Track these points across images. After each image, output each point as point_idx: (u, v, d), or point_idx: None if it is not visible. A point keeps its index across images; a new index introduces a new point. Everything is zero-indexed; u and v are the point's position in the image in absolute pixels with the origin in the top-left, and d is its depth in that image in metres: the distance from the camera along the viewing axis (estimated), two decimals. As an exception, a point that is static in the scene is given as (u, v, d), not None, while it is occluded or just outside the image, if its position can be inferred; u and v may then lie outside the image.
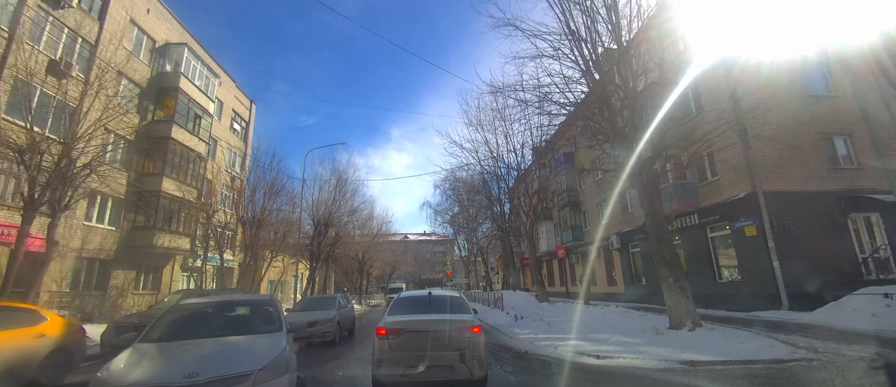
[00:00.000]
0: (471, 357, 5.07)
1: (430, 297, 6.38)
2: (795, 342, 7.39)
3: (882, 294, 9.63)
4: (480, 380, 5.16)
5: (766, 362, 6.25)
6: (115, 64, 13.81)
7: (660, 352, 7.11)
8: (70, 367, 6.60)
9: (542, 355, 7.98)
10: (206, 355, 3.80)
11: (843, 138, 13.97)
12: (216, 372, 3.43)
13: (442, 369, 4.98)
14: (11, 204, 12.47)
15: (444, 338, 5.16)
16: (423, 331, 5.23)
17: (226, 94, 26.05)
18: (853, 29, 9.58)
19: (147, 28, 18.81)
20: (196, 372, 3.38)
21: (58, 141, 10.65)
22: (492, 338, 10.77)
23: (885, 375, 5.43)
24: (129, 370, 3.51)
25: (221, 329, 4.60)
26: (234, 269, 25.21)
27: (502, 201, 26.11)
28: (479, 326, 5.47)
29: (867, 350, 6.69)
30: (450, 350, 5.09)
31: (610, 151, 10.95)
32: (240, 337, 4.35)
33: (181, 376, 3.33)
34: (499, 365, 7.26)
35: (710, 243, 15.01)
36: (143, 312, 11.55)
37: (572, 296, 24.94)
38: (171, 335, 4.34)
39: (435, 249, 77.58)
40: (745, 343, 7.30)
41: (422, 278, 67.19)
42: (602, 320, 12.07)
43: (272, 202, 22.62)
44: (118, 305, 16.78)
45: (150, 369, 3.53)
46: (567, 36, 10.37)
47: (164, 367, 3.58)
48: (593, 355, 7.26)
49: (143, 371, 3.49)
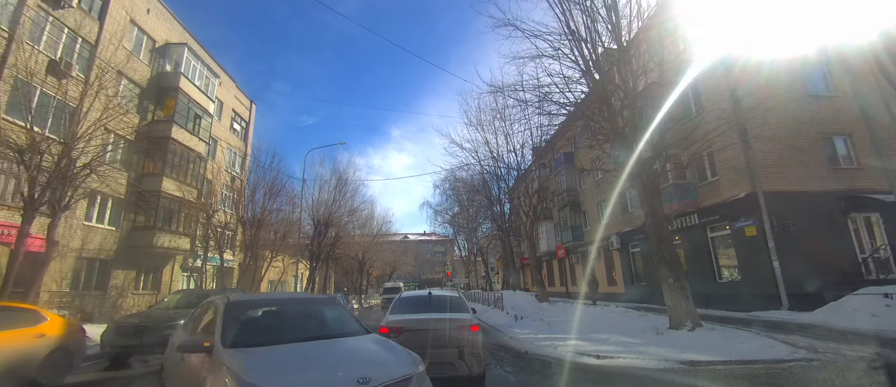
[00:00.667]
0: (470, 354, 5.31)
1: (430, 297, 6.57)
2: (795, 342, 7.39)
3: (882, 294, 9.62)
4: (479, 376, 5.39)
5: (766, 362, 6.25)
6: (115, 64, 13.80)
7: (660, 352, 7.11)
8: (70, 367, 6.60)
9: (542, 355, 7.98)
10: (349, 360, 3.43)
11: (843, 138, 13.97)
12: (385, 377, 3.04)
13: (442, 366, 5.15)
14: (11, 204, 12.47)
15: (443, 336, 5.36)
16: (424, 329, 5.44)
17: (226, 94, 26.05)
18: (853, 29, 9.57)
19: (147, 28, 18.80)
20: (368, 378, 2.95)
21: (58, 141, 10.64)
22: (492, 338, 10.77)
23: (885, 375, 5.43)
24: (284, 378, 2.96)
25: (319, 331, 4.18)
26: (234, 269, 25.21)
27: (502, 201, 26.12)
28: (478, 324, 5.69)
29: (867, 350, 6.69)
30: (449, 348, 5.30)
31: (610, 151, 10.95)
32: (351, 338, 3.97)
33: (354, 382, 2.90)
34: (499, 365, 7.26)
35: (710, 243, 15.01)
36: (143, 312, 11.53)
37: (572, 296, 24.93)
38: (262, 339, 3.68)
39: (435, 249, 77.59)
40: (745, 343, 7.30)
41: (422, 278, 67.20)
42: (602, 320, 12.07)
43: (272, 202, 22.63)
44: (118, 305, 16.78)
45: (312, 377, 3.04)
46: (567, 36, 10.38)
47: (321, 373, 3.12)
48: (593, 355, 7.26)
49: (304, 380, 2.98)
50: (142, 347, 8.04)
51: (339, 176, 28.86)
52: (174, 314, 8.85)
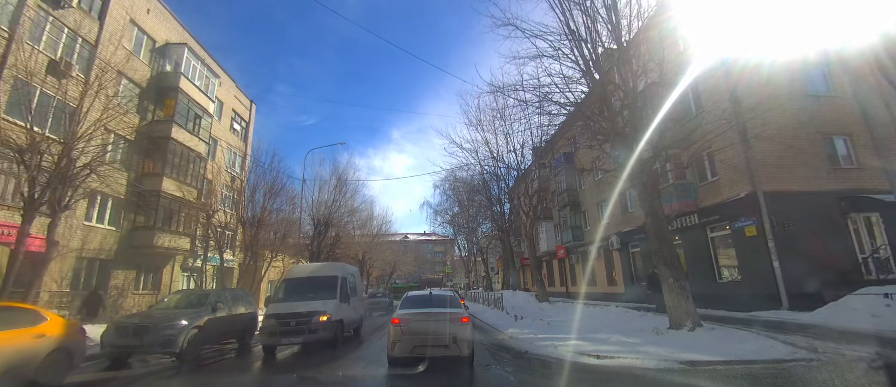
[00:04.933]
0: (461, 340, 6.65)
1: (431, 295, 8.22)
2: (795, 342, 7.38)
3: (882, 294, 9.63)
4: (468, 356, 6.77)
5: (766, 362, 6.24)
6: (115, 64, 13.79)
7: (660, 352, 7.10)
8: (70, 367, 6.61)
9: (542, 355, 7.98)
10: None
11: (843, 138, 13.96)
12: None
13: (438, 349, 6.62)
14: (11, 204, 12.46)
15: (441, 325, 6.74)
16: (426, 320, 6.90)
17: (226, 94, 26.04)
18: (853, 29, 9.58)
19: (147, 28, 18.80)
20: None
21: (58, 141, 10.63)
22: (492, 338, 10.82)
23: (885, 375, 5.43)
24: None
25: None
26: (234, 269, 25.19)
27: (502, 201, 26.11)
28: (468, 317, 7.13)
29: (867, 350, 6.69)
30: (445, 334, 6.66)
31: (610, 151, 10.94)
32: None
33: None
34: (499, 365, 7.27)
35: (710, 243, 15.01)
36: (143, 312, 11.52)
37: (572, 296, 24.94)
38: None
39: (435, 249, 77.51)
40: (745, 343, 7.30)
41: (422, 278, 67.26)
42: (602, 319, 12.05)
43: (272, 202, 22.61)
44: (118, 305, 16.77)
45: None
46: (567, 36, 10.36)
47: None
48: (593, 355, 7.26)
49: None
50: (142, 347, 8.03)
51: (339, 176, 28.89)
52: (174, 314, 8.85)
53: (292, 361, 8.58)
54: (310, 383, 6.65)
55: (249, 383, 7.14)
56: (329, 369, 7.49)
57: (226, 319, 9.94)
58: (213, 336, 9.55)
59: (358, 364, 7.95)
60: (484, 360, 7.64)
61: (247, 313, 11.24)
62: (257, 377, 7.41)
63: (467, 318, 7.02)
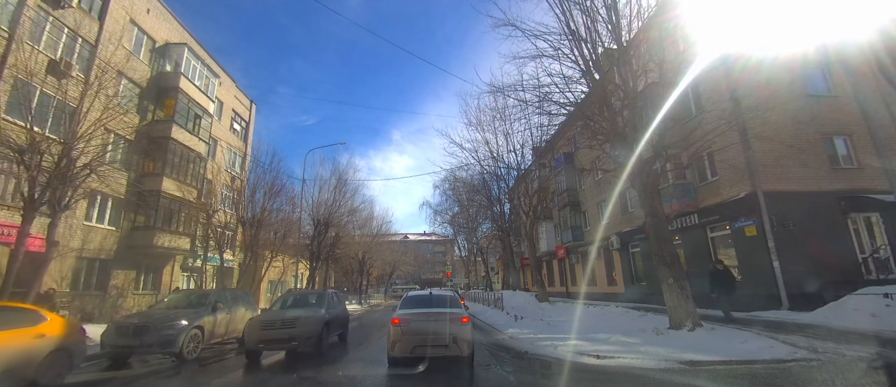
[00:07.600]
0: (461, 340, 6.58)
1: (431, 295, 8.14)
2: (795, 342, 7.38)
3: (882, 294, 9.61)
4: (468, 357, 6.70)
5: (766, 362, 6.24)
6: (115, 64, 13.79)
7: (660, 352, 7.11)
8: (70, 367, 6.60)
9: (542, 355, 7.98)
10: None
11: (843, 138, 13.96)
12: None
13: (438, 349, 6.55)
14: (11, 204, 12.46)
15: (441, 325, 6.69)
16: (426, 320, 6.84)
17: (226, 94, 26.04)
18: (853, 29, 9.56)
19: (147, 28, 18.80)
20: None
21: (58, 141, 10.62)
22: (492, 338, 10.80)
23: (885, 375, 5.43)
24: None
25: None
26: (234, 269, 25.19)
27: (502, 201, 26.13)
28: (468, 317, 7.03)
29: (867, 350, 6.68)
30: (445, 334, 6.60)
31: (610, 151, 10.94)
32: None
33: None
34: (499, 365, 7.27)
35: (710, 243, 15.00)
36: (143, 312, 11.51)
37: (572, 296, 24.94)
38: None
39: (435, 249, 77.51)
40: (745, 343, 7.29)
41: (422, 278, 67.29)
42: (602, 319, 12.06)
43: (272, 202, 22.61)
44: (118, 305, 16.77)
45: None
46: (567, 36, 10.36)
47: None
48: (593, 355, 7.26)
49: None
50: (142, 347, 8.03)
51: (340, 176, 28.91)
52: (174, 314, 8.84)
53: (292, 361, 8.57)
54: (310, 383, 6.64)
55: (249, 383, 7.13)
56: (329, 369, 7.47)
57: None
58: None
59: (358, 364, 7.95)
60: (484, 360, 7.64)
61: None
62: (257, 377, 7.41)
63: (467, 318, 6.97)
